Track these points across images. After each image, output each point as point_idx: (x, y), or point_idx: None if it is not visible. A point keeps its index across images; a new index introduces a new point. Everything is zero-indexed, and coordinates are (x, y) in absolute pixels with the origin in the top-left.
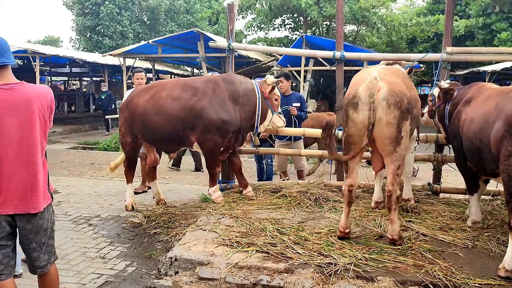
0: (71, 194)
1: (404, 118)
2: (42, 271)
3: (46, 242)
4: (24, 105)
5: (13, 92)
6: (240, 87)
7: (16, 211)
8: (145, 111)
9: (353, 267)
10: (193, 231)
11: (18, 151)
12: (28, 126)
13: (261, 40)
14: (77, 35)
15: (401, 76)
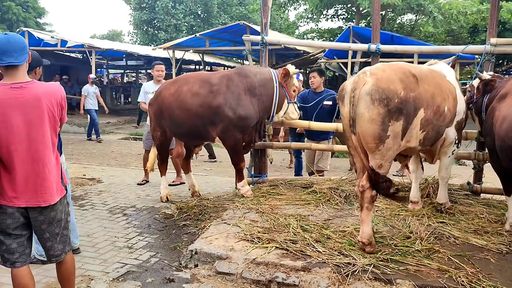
0: (112, 184)
1: (392, 117)
2: (57, 259)
3: (60, 233)
4: (34, 103)
5: (23, 91)
6: (255, 78)
7: (27, 204)
8: (170, 105)
9: (372, 268)
10: (217, 225)
11: (28, 147)
12: (37, 123)
13: (314, 31)
14: (134, 29)
15: (407, 75)
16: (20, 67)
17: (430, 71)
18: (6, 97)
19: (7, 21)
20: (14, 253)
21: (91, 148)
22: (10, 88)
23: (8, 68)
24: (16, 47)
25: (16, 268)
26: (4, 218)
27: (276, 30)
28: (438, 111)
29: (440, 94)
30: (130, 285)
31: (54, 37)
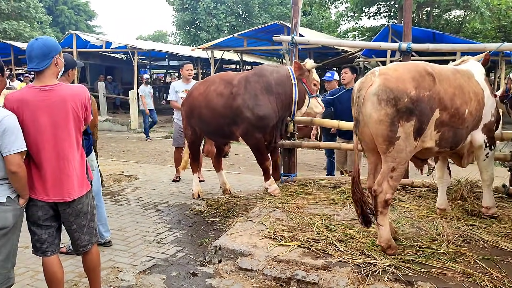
0: (148, 181)
1: (402, 118)
2: (83, 250)
3: (86, 225)
4: (59, 104)
5: (50, 93)
6: (271, 77)
7: (55, 199)
8: (199, 104)
9: (392, 269)
10: (242, 222)
11: (54, 146)
12: (62, 123)
13: (355, 30)
14: (177, 29)
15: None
16: (46, 71)
17: (454, 71)
18: (35, 99)
19: (60, 24)
20: (45, 243)
21: (132, 146)
22: (39, 90)
23: (35, 72)
24: (38, 54)
25: (46, 257)
26: (35, 210)
27: (316, 29)
28: (456, 114)
29: (461, 96)
30: (155, 278)
31: (100, 39)
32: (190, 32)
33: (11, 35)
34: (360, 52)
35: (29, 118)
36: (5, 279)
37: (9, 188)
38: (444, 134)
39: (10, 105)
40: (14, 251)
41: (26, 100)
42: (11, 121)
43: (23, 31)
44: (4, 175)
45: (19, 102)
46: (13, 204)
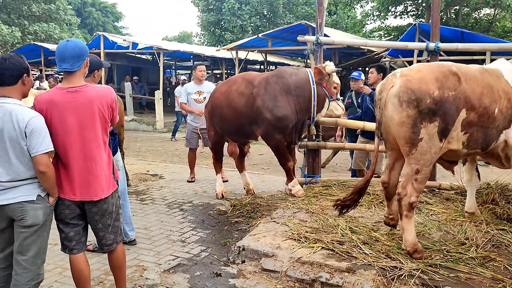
0: (173, 180)
1: (425, 119)
2: (108, 249)
3: (111, 224)
4: (86, 105)
5: (77, 94)
6: (290, 79)
7: (81, 198)
8: (220, 104)
9: (419, 274)
10: (266, 223)
11: (81, 146)
12: (89, 124)
13: (381, 29)
14: (202, 30)
15: (445, 74)
16: (76, 73)
17: (481, 70)
18: (63, 100)
19: (88, 26)
20: (72, 241)
21: (157, 146)
22: (66, 92)
23: (65, 72)
24: (72, 55)
25: (74, 254)
26: (63, 209)
27: (341, 29)
28: (485, 113)
29: (490, 95)
30: (179, 277)
31: (126, 40)
32: (215, 32)
33: (41, 36)
34: (386, 52)
35: (57, 119)
36: (35, 275)
37: (39, 186)
38: (472, 135)
39: (39, 106)
40: (44, 248)
41: (54, 101)
42: (39, 122)
43: (53, 32)
44: (34, 174)
45: (48, 103)
46: (43, 202)
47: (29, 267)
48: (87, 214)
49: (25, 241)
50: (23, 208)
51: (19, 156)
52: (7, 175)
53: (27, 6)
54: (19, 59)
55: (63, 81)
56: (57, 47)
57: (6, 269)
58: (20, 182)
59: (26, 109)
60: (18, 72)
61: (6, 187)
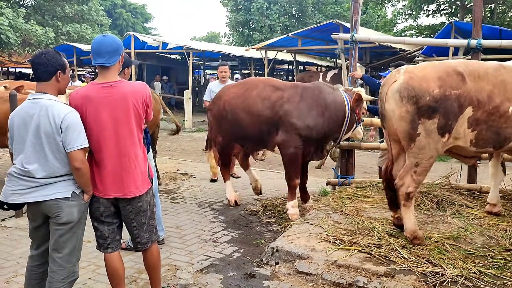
0: (203, 180)
1: (424, 115)
2: (143, 247)
3: (146, 222)
4: (121, 101)
5: (112, 90)
6: (328, 97)
7: (115, 195)
8: (235, 108)
9: (462, 280)
10: (299, 224)
11: (116, 143)
12: (123, 120)
13: (412, 28)
14: (230, 30)
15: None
16: (111, 68)
17: (497, 67)
18: (98, 96)
19: (118, 27)
20: (106, 239)
21: (186, 145)
22: (101, 87)
23: (100, 67)
24: (108, 49)
25: (109, 253)
26: (98, 207)
27: (372, 28)
28: (496, 112)
29: (503, 94)
30: (212, 278)
31: (156, 40)
32: (243, 32)
33: (74, 37)
34: (420, 51)
35: (92, 114)
36: (70, 273)
37: (74, 183)
38: (481, 133)
39: (74, 102)
40: (79, 246)
41: (89, 97)
42: (74, 118)
43: (85, 33)
44: (69, 171)
45: (83, 99)
46: (78, 199)
47: (64, 265)
48: (121, 212)
49: (61, 238)
50: (58, 205)
51: (54, 152)
52: (43, 171)
53: (60, 7)
54: (55, 55)
55: (98, 77)
56: (93, 41)
57: (42, 266)
58: (55, 179)
59: (62, 105)
60: (52, 68)
61: (42, 184)
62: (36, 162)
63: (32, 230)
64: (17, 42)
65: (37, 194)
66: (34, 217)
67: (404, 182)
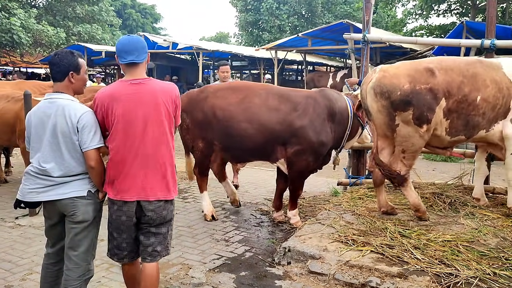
0: (214, 179)
1: (398, 108)
2: (150, 259)
3: (164, 233)
4: (150, 99)
5: (141, 87)
6: (336, 105)
7: (139, 197)
8: (232, 117)
9: (477, 282)
10: (311, 224)
11: (145, 141)
12: (154, 117)
13: (423, 28)
14: (239, 30)
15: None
16: (140, 65)
17: (471, 61)
18: (126, 93)
19: (128, 27)
20: (123, 251)
21: None
22: (129, 84)
23: (129, 65)
24: (137, 47)
25: (124, 263)
26: (119, 215)
27: (382, 28)
28: (464, 100)
29: (471, 84)
30: (225, 277)
31: (166, 40)
32: (253, 33)
33: (84, 37)
34: (431, 51)
35: (119, 112)
36: (85, 271)
37: (90, 182)
38: (453, 122)
39: (101, 101)
40: (94, 244)
41: (116, 95)
42: (90, 117)
43: (96, 33)
44: (85, 170)
45: (109, 97)
46: (93, 198)
47: (80, 263)
48: (142, 220)
49: (76, 236)
50: (74, 204)
51: (71, 151)
52: (59, 170)
53: (71, 8)
54: (67, 56)
55: (126, 75)
56: (121, 41)
57: (57, 264)
58: (71, 178)
59: (79, 104)
60: (64, 68)
61: (58, 182)
62: (52, 161)
63: (48, 228)
64: (29, 42)
65: (53, 192)
66: (50, 215)
67: (395, 167)
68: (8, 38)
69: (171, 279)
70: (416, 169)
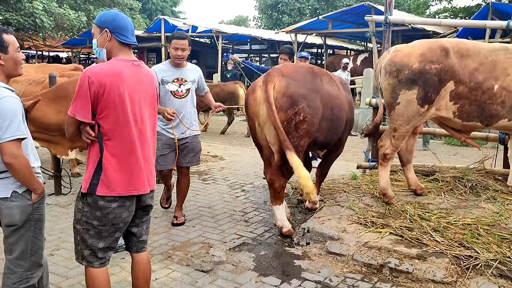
0: (233, 162)
1: (404, 87)
2: (138, 249)
3: (148, 220)
4: (149, 82)
5: (141, 69)
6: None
7: (138, 191)
8: (330, 106)
9: (497, 264)
10: (330, 206)
11: (146, 128)
12: (149, 102)
13: (447, 11)
14: (259, 13)
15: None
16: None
17: (493, 48)
18: (131, 74)
19: (147, 11)
20: (108, 252)
21: (215, 128)
22: (132, 64)
23: (128, 46)
24: (131, 28)
25: (102, 267)
26: (120, 212)
27: (404, 11)
28: (478, 88)
29: (488, 72)
30: (244, 256)
31: (186, 24)
32: (272, 16)
33: None
34: (454, 34)
35: (123, 95)
36: (22, 279)
37: (15, 182)
38: (464, 107)
39: (99, 79)
40: (33, 251)
41: (121, 74)
42: (6, 104)
43: None
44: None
45: (114, 76)
46: (20, 200)
47: (14, 269)
48: (138, 213)
49: (7, 240)
50: None
51: None
52: None
53: None
54: None
55: (120, 54)
56: (121, 18)
57: None
58: None
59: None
60: None
61: None
62: None
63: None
64: (51, 26)
65: None
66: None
67: (384, 144)
68: (31, 22)
69: (192, 257)
70: (437, 154)
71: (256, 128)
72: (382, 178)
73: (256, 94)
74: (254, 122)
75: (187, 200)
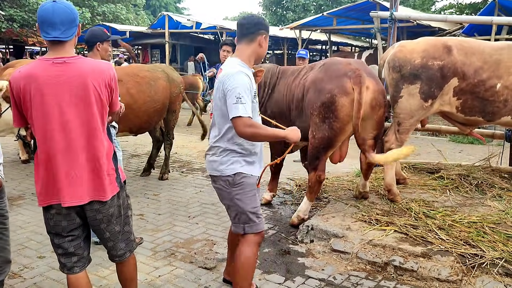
0: None
1: (406, 81)
2: (120, 259)
3: (120, 230)
4: (78, 81)
5: (66, 67)
6: None
7: (72, 202)
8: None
9: (502, 263)
10: (334, 204)
11: (68, 135)
12: (81, 105)
13: (452, 7)
14: (263, 10)
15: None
16: (67, 43)
17: (498, 46)
18: (45, 74)
19: (151, 7)
20: (72, 257)
21: None
22: (51, 63)
23: (53, 43)
24: (64, 20)
25: (75, 273)
26: (59, 220)
27: (409, 7)
28: (481, 85)
29: (492, 71)
30: None
31: (190, 20)
32: (277, 12)
33: (109, 17)
34: (460, 30)
35: (37, 98)
36: None
37: None
38: (466, 102)
39: (16, 84)
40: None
41: (35, 76)
42: None
43: (120, 13)
44: None
45: (27, 79)
46: None
47: None
48: (90, 223)
49: None
50: None
51: None
52: None
53: None
54: None
55: (48, 52)
56: (42, 9)
57: None
58: None
59: None
60: None
61: None
62: None
63: None
64: None
65: None
66: None
67: (389, 139)
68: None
69: (196, 254)
70: (442, 151)
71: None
72: (388, 175)
73: (352, 96)
74: (347, 124)
75: (190, 197)
